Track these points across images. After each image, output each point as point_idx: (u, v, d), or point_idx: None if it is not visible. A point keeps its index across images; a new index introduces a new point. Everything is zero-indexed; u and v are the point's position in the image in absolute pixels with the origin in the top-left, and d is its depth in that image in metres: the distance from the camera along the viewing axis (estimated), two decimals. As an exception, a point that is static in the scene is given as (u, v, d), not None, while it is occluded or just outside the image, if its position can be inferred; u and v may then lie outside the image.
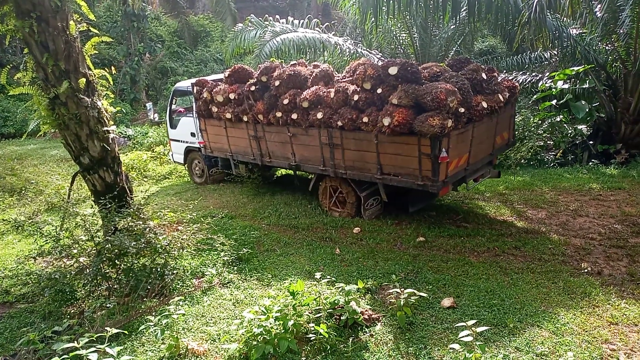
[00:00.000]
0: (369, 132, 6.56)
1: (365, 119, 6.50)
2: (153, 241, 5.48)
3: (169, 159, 12.05)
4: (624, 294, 4.94)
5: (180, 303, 5.01)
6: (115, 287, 5.35)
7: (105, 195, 5.92)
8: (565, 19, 10.91)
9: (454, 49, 12.56)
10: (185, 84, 10.36)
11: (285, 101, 7.39)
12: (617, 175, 9.33)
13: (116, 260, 5.32)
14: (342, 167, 7.20)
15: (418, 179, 6.32)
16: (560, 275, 5.34)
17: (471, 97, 6.25)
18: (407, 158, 6.34)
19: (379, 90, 6.40)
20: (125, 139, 16.77)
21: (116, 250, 5.21)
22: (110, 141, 6.20)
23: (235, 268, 5.97)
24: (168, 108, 10.94)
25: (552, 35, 9.84)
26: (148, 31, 23.05)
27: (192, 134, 10.18)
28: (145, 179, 11.54)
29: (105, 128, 6.07)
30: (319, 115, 7.00)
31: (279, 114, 7.61)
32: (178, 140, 10.82)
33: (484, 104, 6.50)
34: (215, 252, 6.32)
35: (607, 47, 11.15)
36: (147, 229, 5.62)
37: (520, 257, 5.93)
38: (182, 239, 5.83)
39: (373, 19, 8.86)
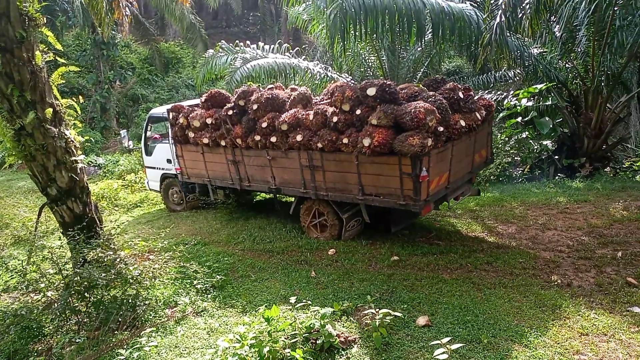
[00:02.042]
0: (349, 153, 6.55)
1: (345, 140, 6.48)
2: (124, 272, 5.38)
3: (146, 187, 11.90)
4: (593, 305, 5.06)
5: (153, 334, 4.90)
6: (84, 320, 5.20)
7: (73, 227, 5.80)
8: (526, 39, 11.32)
9: (421, 70, 12.88)
10: (160, 110, 10.28)
11: (264, 124, 7.35)
12: (582, 188, 9.62)
13: (85, 293, 5.18)
14: (323, 189, 7.17)
15: (400, 199, 6.30)
16: (531, 289, 5.44)
17: (449, 116, 6.33)
18: (388, 178, 6.34)
19: (358, 112, 6.41)
20: (96, 167, 16.52)
21: (85, 283, 5.09)
22: (79, 171, 6.10)
23: (209, 296, 5.89)
24: (143, 135, 10.81)
25: (514, 55, 10.20)
26: (118, 59, 22.94)
27: (168, 161, 10.05)
28: (116, 208, 11.34)
29: (73, 158, 5.98)
30: (299, 138, 6.97)
31: (257, 138, 7.55)
32: (154, 168, 10.66)
33: (462, 123, 6.56)
34: (189, 281, 6.22)
35: (567, 65, 11.60)
36: (118, 260, 5.51)
37: (492, 272, 6.02)
38: (154, 268, 5.74)
39: (341, 43, 9.01)
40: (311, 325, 4.48)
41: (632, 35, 9.33)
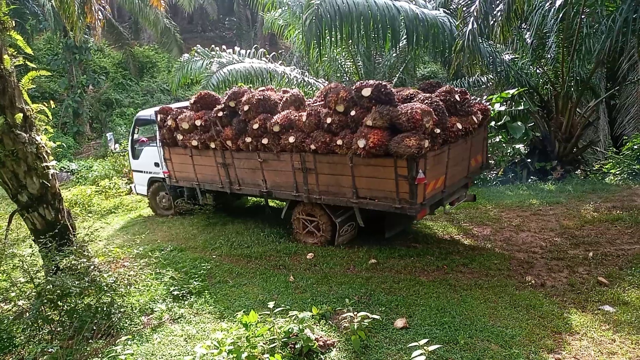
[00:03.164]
0: (343, 155, 6.41)
1: (339, 142, 6.35)
2: (98, 279, 5.25)
3: (133, 191, 11.66)
4: (566, 304, 5.19)
5: (129, 342, 4.80)
6: (57, 330, 5.06)
7: (45, 234, 5.65)
8: (498, 45, 11.58)
9: (397, 75, 13.04)
10: (147, 112, 10.09)
11: (255, 126, 7.18)
12: (554, 191, 9.86)
13: (58, 302, 5.04)
14: (316, 192, 7.00)
15: (395, 202, 6.16)
16: (506, 290, 5.54)
17: (446, 118, 6.23)
18: (383, 181, 6.20)
19: (353, 113, 6.27)
20: (69, 173, 16.18)
21: (58, 291, 4.95)
22: (50, 177, 5.97)
23: (186, 302, 5.81)
24: (130, 138, 10.59)
25: (487, 61, 10.42)
26: (91, 63, 22.57)
27: (156, 164, 9.83)
28: (89, 215, 11.11)
29: (44, 164, 5.84)
30: (291, 139, 6.79)
31: (248, 140, 7.38)
32: (141, 171, 10.43)
33: (459, 125, 6.46)
34: (165, 287, 6.13)
35: (537, 71, 11.89)
36: (92, 267, 5.39)
37: (468, 274, 6.11)
38: (129, 275, 5.63)
39: (317, 48, 9.07)
40: (290, 330, 4.46)
41: (599, 42, 9.62)
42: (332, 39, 9.13)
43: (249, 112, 7.31)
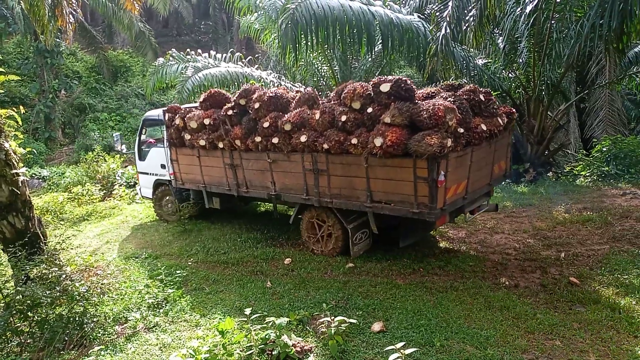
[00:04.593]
0: (358, 155, 5.98)
1: (354, 141, 5.94)
2: (70, 288, 5.15)
3: (137, 194, 11.36)
4: (539, 304, 5.28)
5: (102, 353, 4.71)
6: (27, 341, 4.93)
7: (15, 243, 5.50)
8: (471, 50, 11.77)
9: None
10: (155, 112, 9.80)
11: (266, 124, 6.85)
12: (527, 193, 10.06)
13: (28, 312, 4.91)
14: (328, 195, 6.59)
15: (413, 207, 5.69)
16: (481, 291, 5.62)
17: (470, 117, 5.84)
18: (400, 183, 5.74)
19: (370, 110, 5.88)
20: (40, 180, 15.80)
21: (28, 302, 4.83)
22: (20, 184, 5.82)
23: (161, 310, 5.72)
24: (137, 138, 10.30)
25: (460, 65, 10.58)
26: (63, 67, 22.12)
27: (163, 166, 9.52)
28: (62, 222, 10.85)
29: (14, 171, 5.70)
30: (303, 139, 6.43)
31: (258, 139, 7.05)
32: (147, 173, 10.14)
33: (483, 127, 6.04)
34: (140, 295, 6.03)
35: (510, 75, 12.14)
36: (64, 276, 5.27)
37: (444, 276, 6.17)
38: (102, 284, 5.54)
39: (293, 52, 9.08)
40: (267, 337, 4.44)
41: (568, 47, 9.87)
42: (308, 43, 9.16)
43: (259, 110, 7.01)
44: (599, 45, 9.31)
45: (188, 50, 13.56)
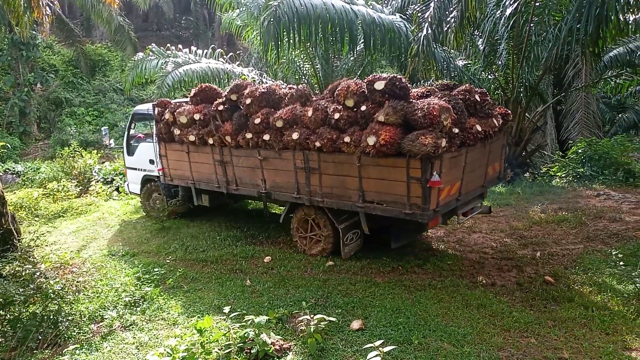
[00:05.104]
0: (350, 153, 5.90)
1: (347, 139, 5.83)
2: (44, 286, 5.05)
3: (125, 190, 11.13)
4: (515, 303, 5.37)
5: (77, 352, 4.63)
6: (-1, 341, 4.83)
7: (-14, 240, 5.38)
8: (452, 51, 11.89)
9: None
10: (145, 106, 9.61)
11: (257, 120, 6.72)
12: (504, 193, 10.21)
13: (0, 311, 4.81)
14: (319, 194, 6.49)
15: (406, 207, 5.62)
16: (458, 289, 5.68)
17: (465, 117, 5.79)
18: (393, 183, 5.67)
19: (363, 108, 5.79)
20: (14, 175, 15.43)
21: (0, 299, 4.72)
22: (-8, 180, 5.68)
23: (138, 309, 5.63)
24: (126, 133, 10.09)
25: (441, 66, 10.68)
26: (39, 60, 21.61)
27: (151, 161, 9.35)
28: (36, 219, 10.62)
29: (-15, 166, 5.56)
30: (295, 136, 6.33)
31: (249, 135, 6.95)
32: (135, 169, 9.95)
33: (478, 127, 5.97)
34: (116, 293, 5.94)
35: (489, 77, 12.28)
36: (38, 273, 5.18)
37: (422, 275, 6.23)
38: (77, 282, 5.45)
39: (275, 50, 9.05)
40: (245, 335, 4.42)
41: (546, 50, 10.04)
42: (290, 41, 9.13)
43: (251, 105, 6.87)
44: (576, 49, 9.50)
45: (168, 45, 13.40)
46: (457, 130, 5.52)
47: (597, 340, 4.55)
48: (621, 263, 5.87)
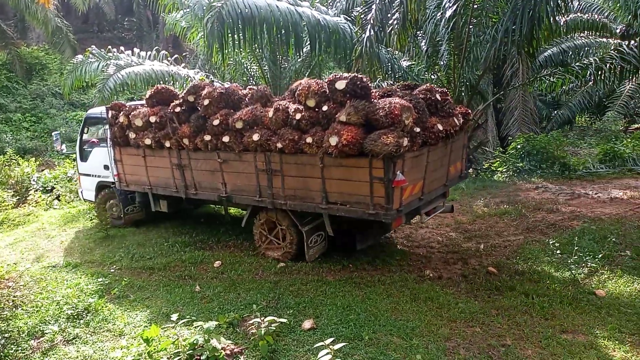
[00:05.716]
0: (313, 154, 5.79)
1: (309, 140, 5.72)
2: (-23, 303, 4.76)
3: (80, 197, 10.54)
4: (460, 294, 5.57)
5: (14, 370, 4.40)
6: None
7: None
8: (396, 52, 12.14)
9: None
10: (98, 110, 9.14)
11: (216, 122, 6.51)
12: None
13: None
14: (282, 196, 6.38)
15: (369, 208, 5.56)
16: (407, 284, 5.82)
17: (427, 116, 5.77)
18: (356, 184, 5.61)
19: (325, 108, 5.70)
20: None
21: None
22: None
23: (82, 321, 5.39)
24: (79, 138, 9.59)
25: (385, 67, 10.88)
26: (-31, 64, 20.41)
27: (106, 167, 8.92)
28: (-31, 232, 10.00)
29: None
30: (255, 137, 6.16)
31: (207, 138, 6.72)
32: (89, 175, 9.48)
33: (440, 127, 5.95)
34: (58, 307, 5.66)
35: (432, 77, 12.62)
36: (-31, 290, 4.87)
37: (372, 271, 6.33)
38: (14, 296, 5.16)
39: (220, 51, 8.93)
40: (195, 342, 4.33)
41: (485, 51, 10.42)
42: (236, 42, 9.04)
43: (209, 107, 6.66)
44: (513, 49, 9.91)
45: (109, 47, 12.95)
46: (418, 130, 5.53)
47: (538, 325, 4.79)
48: (558, 252, 6.22)
